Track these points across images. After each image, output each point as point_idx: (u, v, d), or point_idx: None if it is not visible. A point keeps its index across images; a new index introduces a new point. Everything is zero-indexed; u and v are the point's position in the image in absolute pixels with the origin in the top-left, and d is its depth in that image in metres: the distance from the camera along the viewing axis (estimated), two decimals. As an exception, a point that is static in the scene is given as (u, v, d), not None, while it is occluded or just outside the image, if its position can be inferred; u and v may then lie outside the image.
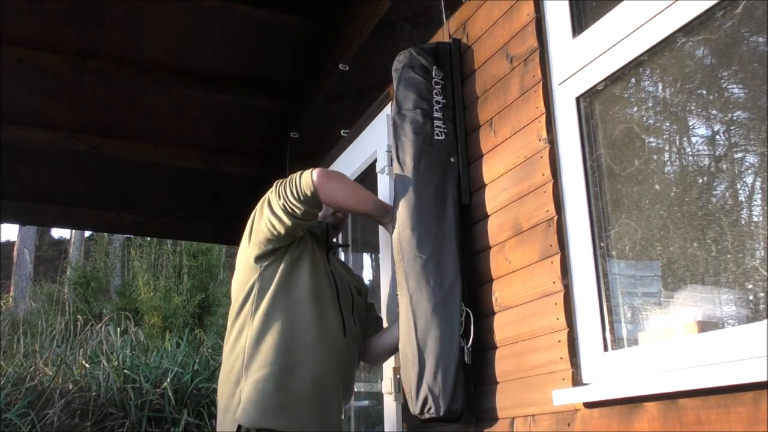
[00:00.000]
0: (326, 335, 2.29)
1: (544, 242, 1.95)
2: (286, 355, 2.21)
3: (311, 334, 2.26)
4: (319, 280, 2.37)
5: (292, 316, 2.26)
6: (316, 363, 2.24)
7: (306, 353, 2.24)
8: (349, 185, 2.44)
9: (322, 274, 2.40)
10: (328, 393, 2.26)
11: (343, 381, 2.33)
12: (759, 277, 1.46)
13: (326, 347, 2.28)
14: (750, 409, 1.33)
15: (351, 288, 2.53)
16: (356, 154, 3.37)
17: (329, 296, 2.37)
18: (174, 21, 3.83)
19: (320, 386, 2.24)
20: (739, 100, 1.64)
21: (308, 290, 2.31)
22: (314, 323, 2.27)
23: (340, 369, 2.31)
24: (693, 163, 1.79)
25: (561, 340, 1.85)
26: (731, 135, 1.66)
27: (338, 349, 2.31)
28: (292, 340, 2.24)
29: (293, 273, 2.32)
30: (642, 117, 1.90)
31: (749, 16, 1.52)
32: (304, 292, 2.30)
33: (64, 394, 5.97)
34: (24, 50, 3.87)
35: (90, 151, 4.46)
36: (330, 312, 2.34)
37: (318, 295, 2.33)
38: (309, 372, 2.23)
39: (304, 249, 2.38)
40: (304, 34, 4.02)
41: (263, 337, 2.24)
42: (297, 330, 2.25)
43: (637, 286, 1.86)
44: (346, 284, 2.51)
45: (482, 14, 2.39)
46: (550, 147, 1.98)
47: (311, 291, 2.31)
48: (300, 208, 2.25)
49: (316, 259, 2.40)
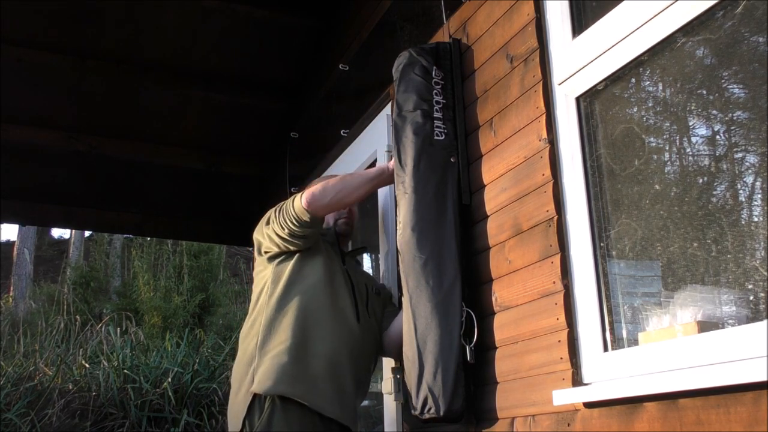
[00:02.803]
0: (340, 317, 2.37)
1: (544, 242, 1.95)
2: (300, 332, 2.29)
3: (325, 314, 2.34)
4: (334, 271, 2.46)
5: (306, 299, 2.34)
6: (331, 341, 2.31)
7: (320, 331, 2.31)
8: (337, 185, 2.46)
9: (337, 268, 2.49)
10: (344, 373, 2.31)
11: (356, 367, 2.37)
12: (759, 277, 1.46)
13: (340, 329, 2.35)
14: (750, 409, 1.33)
15: (368, 287, 2.58)
16: (356, 154, 3.37)
17: (343, 285, 2.45)
18: (174, 21, 3.83)
19: (335, 364, 2.30)
20: (739, 100, 1.64)
21: (322, 276, 2.39)
22: (328, 306, 2.36)
23: (353, 353, 2.36)
24: (693, 163, 1.79)
25: (561, 340, 1.85)
26: (731, 135, 1.66)
27: (352, 333, 2.37)
28: (306, 319, 2.32)
29: (307, 262, 2.42)
30: (642, 117, 1.89)
31: (749, 16, 1.52)
32: (318, 277, 2.39)
33: (63, 394, 5.96)
34: (24, 50, 3.87)
35: (90, 151, 4.46)
36: (344, 297, 2.42)
37: (331, 282, 2.41)
38: (323, 349, 2.29)
39: (316, 247, 2.47)
40: (304, 34, 4.02)
41: (278, 318, 2.32)
42: (311, 309, 2.33)
43: (637, 286, 1.86)
44: (363, 283, 2.57)
45: (482, 14, 2.38)
46: (550, 147, 1.98)
47: (325, 276, 2.40)
48: (304, 230, 2.37)
49: (330, 256, 2.49)
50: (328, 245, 2.55)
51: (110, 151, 4.52)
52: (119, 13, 3.75)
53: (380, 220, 3.00)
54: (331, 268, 2.45)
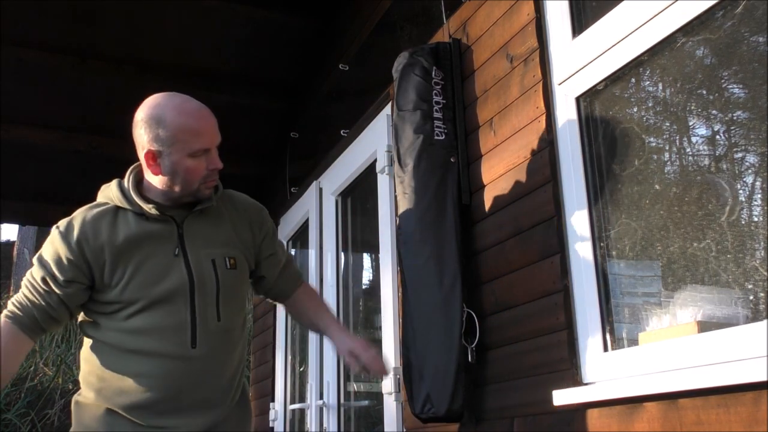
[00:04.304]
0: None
1: (544, 242, 1.95)
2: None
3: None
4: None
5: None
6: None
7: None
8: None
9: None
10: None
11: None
12: (759, 277, 1.46)
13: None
14: (750, 409, 1.33)
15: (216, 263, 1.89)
16: (356, 154, 3.37)
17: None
18: (174, 21, 3.83)
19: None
20: (739, 100, 1.64)
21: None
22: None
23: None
24: (693, 163, 1.79)
25: (561, 340, 1.85)
26: (731, 135, 1.66)
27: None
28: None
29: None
30: (642, 117, 1.89)
31: (749, 16, 1.52)
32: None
33: (64, 394, 5.97)
34: (24, 50, 3.86)
35: (90, 151, 4.46)
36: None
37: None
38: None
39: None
40: (304, 34, 4.02)
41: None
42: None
43: (637, 286, 1.86)
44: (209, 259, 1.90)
45: (482, 14, 2.38)
46: (550, 147, 1.98)
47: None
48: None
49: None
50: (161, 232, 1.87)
51: (110, 151, 4.52)
52: (119, 13, 3.75)
53: (380, 220, 3.00)
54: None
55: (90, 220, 1.91)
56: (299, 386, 4.12)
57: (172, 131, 1.79)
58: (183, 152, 1.81)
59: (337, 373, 3.42)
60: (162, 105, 1.84)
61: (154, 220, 1.87)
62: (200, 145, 1.82)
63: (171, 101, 1.85)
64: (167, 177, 1.84)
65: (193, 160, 1.82)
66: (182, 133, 1.80)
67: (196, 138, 1.82)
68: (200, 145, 1.82)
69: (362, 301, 3.93)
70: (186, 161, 1.82)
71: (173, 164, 1.81)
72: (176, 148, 1.80)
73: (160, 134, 1.80)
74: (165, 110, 1.82)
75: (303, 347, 4.10)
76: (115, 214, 1.91)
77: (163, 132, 1.79)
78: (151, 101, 1.88)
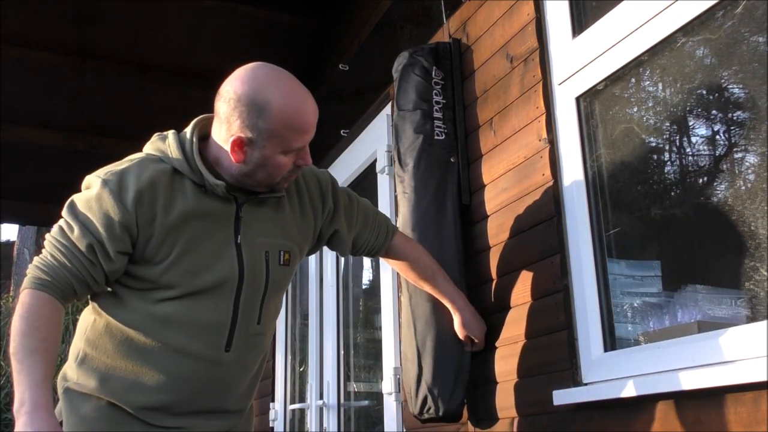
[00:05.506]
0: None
1: (544, 242, 1.95)
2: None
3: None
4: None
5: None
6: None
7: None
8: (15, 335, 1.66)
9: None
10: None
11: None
12: (759, 277, 1.46)
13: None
14: (750, 409, 1.33)
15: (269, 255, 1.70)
16: (356, 154, 3.37)
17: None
18: (174, 21, 3.83)
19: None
20: (739, 100, 1.64)
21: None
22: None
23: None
24: (693, 163, 1.79)
25: (561, 340, 1.85)
26: (731, 135, 1.67)
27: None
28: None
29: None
30: (642, 117, 1.90)
31: (749, 16, 1.52)
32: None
33: (64, 394, 5.96)
34: (24, 50, 3.87)
35: (90, 151, 4.46)
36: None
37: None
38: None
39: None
40: (305, 34, 4.02)
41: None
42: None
43: (637, 286, 1.86)
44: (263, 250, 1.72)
45: (482, 14, 2.38)
46: (550, 147, 1.98)
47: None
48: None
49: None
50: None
51: (110, 151, 4.51)
52: (119, 13, 3.75)
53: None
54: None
55: (147, 180, 1.57)
56: (299, 386, 4.12)
57: (274, 125, 1.54)
58: (278, 148, 1.57)
59: (337, 373, 3.42)
60: (267, 88, 1.55)
61: (215, 195, 1.61)
62: (299, 143, 1.59)
63: (277, 85, 1.57)
64: (250, 167, 1.59)
65: (285, 157, 1.59)
66: (285, 129, 1.55)
67: (298, 136, 1.58)
68: (299, 143, 1.59)
69: (362, 301, 3.93)
70: (278, 157, 1.58)
71: (263, 158, 1.57)
72: (273, 142, 1.56)
73: (260, 125, 1.53)
74: (270, 97, 1.54)
75: (303, 347, 4.10)
76: (172, 178, 1.60)
77: (264, 123, 1.53)
78: (253, 77, 1.57)
